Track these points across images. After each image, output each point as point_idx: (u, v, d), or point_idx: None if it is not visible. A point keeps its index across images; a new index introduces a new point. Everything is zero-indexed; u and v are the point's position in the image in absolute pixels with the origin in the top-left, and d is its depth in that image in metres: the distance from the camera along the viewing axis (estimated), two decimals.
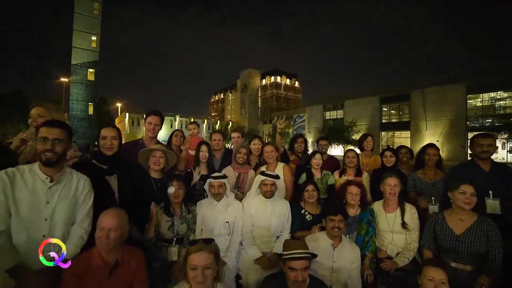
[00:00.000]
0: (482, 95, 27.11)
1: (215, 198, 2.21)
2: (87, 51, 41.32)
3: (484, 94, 26.89)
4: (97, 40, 42.39)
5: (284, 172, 2.78)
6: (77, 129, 40.17)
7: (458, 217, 1.93)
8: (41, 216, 1.43)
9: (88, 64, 41.27)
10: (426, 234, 2.06)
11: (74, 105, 40.61)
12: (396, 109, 33.54)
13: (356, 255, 2.03)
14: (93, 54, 41.79)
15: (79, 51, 40.66)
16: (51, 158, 1.40)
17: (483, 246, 1.82)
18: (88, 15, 41.44)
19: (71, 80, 40.05)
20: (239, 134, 3.31)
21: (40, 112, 2.10)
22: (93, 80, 42.04)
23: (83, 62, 40.88)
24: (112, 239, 1.44)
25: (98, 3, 42.58)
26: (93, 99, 42.02)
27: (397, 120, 33.25)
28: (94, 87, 42.11)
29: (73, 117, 40.16)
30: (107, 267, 1.47)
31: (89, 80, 41.61)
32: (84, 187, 1.58)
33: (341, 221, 1.95)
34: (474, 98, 27.52)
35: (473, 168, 2.30)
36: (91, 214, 1.61)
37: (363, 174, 2.89)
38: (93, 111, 42.07)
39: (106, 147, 1.80)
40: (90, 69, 41.52)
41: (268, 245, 2.24)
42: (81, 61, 40.73)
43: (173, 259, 2.01)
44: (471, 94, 27.15)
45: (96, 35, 42.24)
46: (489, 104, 26.69)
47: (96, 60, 42.18)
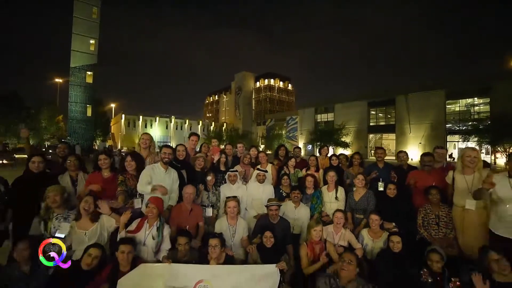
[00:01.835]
0: (460, 101, 29.39)
1: (231, 182, 3.97)
2: (86, 54, 42.42)
3: (461, 100, 29.16)
4: (96, 43, 43.52)
5: (271, 169, 4.58)
6: (75, 131, 41.38)
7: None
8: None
9: (87, 67, 42.35)
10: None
11: (73, 107, 41.67)
12: (383, 112, 35.59)
13: (306, 212, 3.82)
14: (91, 57, 42.92)
15: (78, 54, 41.78)
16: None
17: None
18: (86, 19, 42.52)
19: (70, 83, 41.18)
20: (242, 145, 5.11)
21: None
22: (91, 83, 43.08)
23: (82, 65, 41.95)
24: (191, 197, 3.21)
25: (97, 7, 43.78)
26: (91, 101, 43.09)
27: (384, 123, 35.30)
28: (92, 89, 43.13)
29: (72, 119, 41.30)
30: (187, 211, 3.25)
31: (88, 82, 42.71)
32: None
33: (298, 193, 3.74)
34: (453, 104, 29.81)
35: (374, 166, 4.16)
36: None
37: (320, 170, 4.69)
38: (91, 113, 43.09)
39: (179, 154, 3.56)
40: (88, 71, 42.64)
41: (261, 209, 3.98)
42: (79, 64, 41.84)
43: (209, 215, 3.73)
44: (450, 100, 29.45)
45: (94, 39, 43.36)
46: (466, 110, 28.94)
47: (94, 63, 43.17)
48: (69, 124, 41.41)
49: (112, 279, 2.30)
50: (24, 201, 2.86)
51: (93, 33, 43.03)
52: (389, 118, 34.62)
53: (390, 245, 2.92)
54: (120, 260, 2.39)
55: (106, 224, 2.80)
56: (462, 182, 3.03)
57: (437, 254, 2.59)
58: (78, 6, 41.65)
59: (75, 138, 40.47)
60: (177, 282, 2.42)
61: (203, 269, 2.55)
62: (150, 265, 2.49)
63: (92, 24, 43.05)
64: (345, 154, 5.03)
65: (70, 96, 41.30)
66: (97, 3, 43.57)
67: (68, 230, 2.64)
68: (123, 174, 3.16)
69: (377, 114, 35.91)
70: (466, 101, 28.84)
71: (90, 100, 42.65)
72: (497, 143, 20.81)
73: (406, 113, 31.20)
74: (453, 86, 29.44)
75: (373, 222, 3.26)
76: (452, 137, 28.96)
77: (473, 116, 27.16)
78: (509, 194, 2.52)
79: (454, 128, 28.32)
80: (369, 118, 35.73)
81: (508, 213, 2.53)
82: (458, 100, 29.27)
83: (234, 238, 3.19)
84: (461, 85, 28.94)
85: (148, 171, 3.17)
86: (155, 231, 2.75)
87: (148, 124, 56.88)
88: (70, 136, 40.54)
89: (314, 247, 3.09)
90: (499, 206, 2.60)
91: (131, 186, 3.14)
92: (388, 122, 34.56)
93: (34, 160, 3.02)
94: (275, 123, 51.51)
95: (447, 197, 3.33)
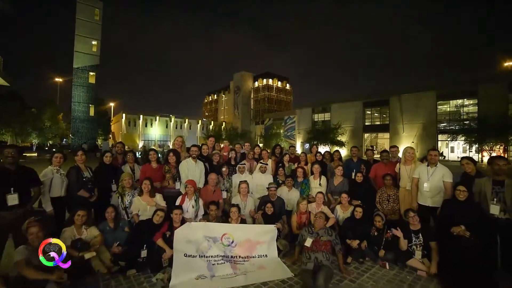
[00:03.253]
0: (450, 102, 30.81)
1: (240, 173, 5.29)
2: (88, 55, 43.41)
3: (452, 101, 30.60)
4: (98, 44, 44.49)
5: (271, 162, 5.92)
6: (79, 130, 42.48)
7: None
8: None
9: (89, 68, 43.37)
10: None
11: (76, 107, 42.64)
12: (378, 112, 36.90)
13: (297, 194, 5.13)
14: (93, 58, 43.90)
15: (81, 55, 42.79)
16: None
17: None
18: (89, 21, 43.50)
19: (73, 83, 42.24)
20: (248, 144, 6.44)
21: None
22: (94, 83, 44.11)
23: (85, 65, 42.98)
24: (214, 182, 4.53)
25: (99, 9, 44.81)
26: (93, 101, 44.13)
27: (379, 122, 36.66)
28: (94, 89, 44.16)
29: (75, 119, 42.35)
30: (211, 191, 4.57)
31: (90, 83, 43.71)
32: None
33: (291, 181, 5.09)
34: (444, 105, 31.24)
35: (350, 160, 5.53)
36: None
37: (308, 164, 6.02)
38: (94, 113, 44.14)
39: (204, 151, 4.89)
40: (91, 72, 43.66)
41: (263, 192, 5.29)
42: (82, 64, 42.86)
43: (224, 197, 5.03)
44: (441, 101, 30.92)
45: (96, 40, 44.35)
46: (455, 110, 30.35)
47: (96, 64, 44.18)
48: (72, 123, 42.45)
49: (170, 230, 3.63)
50: (102, 182, 4.20)
51: (95, 34, 44.02)
52: (384, 118, 35.85)
53: (355, 214, 4.25)
54: (174, 219, 3.71)
55: (158, 199, 4.14)
56: (404, 171, 4.39)
57: (379, 216, 3.97)
58: (80, 8, 42.66)
59: (79, 137, 41.51)
60: (210, 234, 3.74)
61: (226, 226, 3.88)
62: (193, 223, 3.80)
63: (94, 25, 44.05)
64: (328, 151, 6.35)
65: (73, 96, 42.31)
66: (99, 5, 44.55)
67: (135, 202, 3.98)
68: (168, 165, 4.49)
69: (372, 114, 37.25)
70: (456, 102, 30.30)
71: (92, 100, 43.65)
72: (482, 142, 22.21)
73: (399, 113, 32.58)
74: (443, 88, 30.86)
75: (343, 199, 4.61)
76: (443, 136, 30.34)
77: (463, 116, 28.52)
78: (425, 177, 3.90)
79: (445, 128, 29.71)
80: (364, 118, 37.01)
81: (423, 189, 3.89)
82: (449, 101, 30.73)
83: (245, 209, 4.53)
84: (451, 87, 30.41)
85: (184, 165, 4.52)
86: (194, 202, 4.09)
87: (148, 123, 57.80)
88: (73, 136, 41.59)
89: (301, 216, 4.43)
90: (421, 185, 3.96)
91: (173, 173, 4.48)
92: (383, 122, 35.84)
93: (107, 155, 4.37)
94: (273, 122, 52.47)
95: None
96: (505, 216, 3.04)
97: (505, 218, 3.05)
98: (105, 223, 3.73)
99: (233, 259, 3.65)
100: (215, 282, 3.20)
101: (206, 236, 3.71)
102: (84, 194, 3.93)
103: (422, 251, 3.57)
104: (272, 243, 3.93)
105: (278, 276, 3.34)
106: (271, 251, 3.86)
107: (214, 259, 3.58)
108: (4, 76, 16.68)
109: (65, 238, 3.29)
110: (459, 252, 3.05)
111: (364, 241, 3.89)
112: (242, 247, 3.78)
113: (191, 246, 3.57)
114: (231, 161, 5.74)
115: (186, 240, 3.58)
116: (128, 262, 3.38)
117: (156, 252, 3.47)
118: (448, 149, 30.79)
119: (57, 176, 3.70)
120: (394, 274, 3.47)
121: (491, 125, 21.08)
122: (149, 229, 3.61)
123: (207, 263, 3.50)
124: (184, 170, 4.51)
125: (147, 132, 57.44)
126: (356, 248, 3.84)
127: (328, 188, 5.27)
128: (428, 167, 3.97)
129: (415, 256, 3.56)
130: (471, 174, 3.86)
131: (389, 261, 3.67)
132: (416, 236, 3.63)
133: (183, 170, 4.52)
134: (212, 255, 3.60)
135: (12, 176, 2.97)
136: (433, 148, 4.29)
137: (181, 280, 3.14)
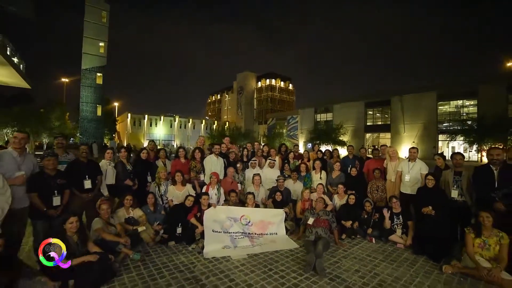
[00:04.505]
0: (450, 102, 31.30)
1: (252, 168, 6.20)
2: (96, 57, 44.53)
3: (452, 102, 31.09)
4: (105, 46, 45.61)
5: (278, 159, 6.82)
6: (87, 130, 43.61)
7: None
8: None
9: (97, 69, 44.46)
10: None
11: (84, 107, 43.77)
12: (379, 112, 37.41)
13: (301, 186, 6.02)
14: (101, 59, 45.03)
15: (89, 56, 43.93)
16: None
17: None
18: (96, 23, 44.60)
19: (81, 84, 43.37)
20: (258, 143, 7.35)
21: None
22: (101, 84, 45.21)
23: (92, 67, 44.09)
24: (232, 174, 5.44)
25: (106, 11, 45.92)
26: (101, 101, 45.23)
27: (380, 123, 37.15)
28: (101, 90, 45.26)
29: (83, 118, 43.48)
30: (229, 182, 5.48)
31: (98, 83, 44.82)
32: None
33: (295, 174, 6.00)
34: (444, 105, 31.74)
35: (347, 157, 6.40)
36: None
37: (310, 161, 6.91)
38: (101, 112, 45.23)
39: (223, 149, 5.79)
40: (98, 73, 44.76)
41: (271, 185, 6.17)
42: (90, 66, 43.99)
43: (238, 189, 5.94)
44: (441, 101, 31.46)
45: (104, 42, 45.46)
46: (456, 111, 30.90)
47: (104, 65, 45.27)
48: (80, 123, 43.58)
49: (199, 211, 4.56)
50: (140, 174, 5.14)
51: (102, 36, 45.11)
52: (385, 118, 36.39)
53: (349, 200, 5.15)
54: (202, 202, 4.63)
55: (189, 188, 5.07)
56: (389, 166, 5.28)
57: (368, 202, 4.89)
58: (88, 10, 43.78)
59: (87, 136, 42.58)
60: (232, 215, 4.65)
61: (244, 209, 4.80)
62: (218, 207, 4.72)
63: (101, 27, 45.14)
64: (329, 150, 7.25)
65: (81, 97, 43.47)
66: (106, 7, 45.65)
67: (170, 190, 4.92)
68: (194, 160, 5.42)
69: (374, 114, 37.82)
70: (456, 103, 30.82)
71: (100, 100, 44.74)
72: (481, 142, 22.82)
73: (400, 114, 33.11)
74: (444, 88, 31.35)
75: (340, 189, 5.51)
76: (443, 136, 30.85)
77: (463, 116, 29.06)
78: (406, 170, 4.79)
79: (446, 128, 30.28)
80: (366, 118, 37.62)
81: (405, 180, 4.79)
82: (449, 101, 31.23)
83: (258, 197, 5.44)
84: (451, 88, 30.91)
85: (208, 160, 5.48)
86: (216, 190, 5.01)
87: (153, 123, 58.82)
88: (81, 135, 42.70)
89: (304, 203, 5.33)
90: (403, 176, 4.86)
91: (198, 167, 5.41)
92: (384, 122, 36.39)
93: (144, 152, 5.30)
94: (276, 122, 53.11)
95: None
96: (462, 199, 3.94)
97: (462, 201, 3.95)
98: (146, 206, 4.66)
99: (250, 235, 4.57)
100: (238, 251, 4.12)
101: (228, 217, 4.63)
102: (129, 182, 4.87)
103: (402, 229, 4.47)
104: (281, 223, 4.84)
105: (286, 247, 4.26)
106: (280, 230, 4.78)
107: (235, 234, 4.50)
108: (25, 78, 17.74)
109: (119, 216, 4.24)
110: (427, 226, 3.94)
111: (356, 222, 4.79)
112: (257, 226, 4.69)
113: (217, 224, 4.50)
114: (243, 158, 6.65)
115: (213, 219, 4.50)
116: (168, 236, 4.32)
117: (190, 228, 4.40)
118: (448, 149, 31.31)
119: (110, 168, 4.65)
120: (378, 246, 4.37)
121: (490, 125, 21.65)
122: (182, 211, 4.54)
123: (230, 237, 4.42)
124: (208, 164, 5.47)
125: (152, 131, 58.52)
126: (349, 227, 4.75)
127: (327, 180, 6.16)
128: (409, 162, 4.86)
129: (396, 233, 4.46)
130: (441, 167, 4.76)
131: (375, 237, 4.58)
132: (398, 217, 4.53)
133: (207, 165, 5.47)
134: (234, 232, 4.52)
135: (86, 167, 3.93)
136: (438, 153, 5.19)
137: (212, 249, 4.06)
